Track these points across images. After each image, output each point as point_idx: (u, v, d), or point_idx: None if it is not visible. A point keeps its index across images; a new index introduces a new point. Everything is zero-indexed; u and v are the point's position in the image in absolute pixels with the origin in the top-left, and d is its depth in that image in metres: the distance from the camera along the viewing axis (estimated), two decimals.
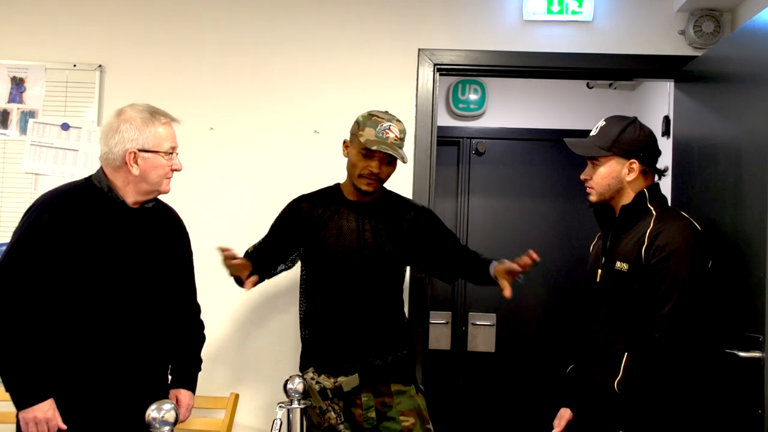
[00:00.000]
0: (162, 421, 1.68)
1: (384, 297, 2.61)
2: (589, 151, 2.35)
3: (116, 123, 2.25)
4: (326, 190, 2.73)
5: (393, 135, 2.55)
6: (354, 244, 2.59)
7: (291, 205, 2.73)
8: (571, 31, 3.27)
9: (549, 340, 4.36)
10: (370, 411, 2.55)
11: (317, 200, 2.69)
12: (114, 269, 2.22)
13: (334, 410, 2.53)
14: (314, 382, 2.55)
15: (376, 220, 2.63)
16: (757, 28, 2.51)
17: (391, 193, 2.75)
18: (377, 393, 2.57)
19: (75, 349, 2.18)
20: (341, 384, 2.54)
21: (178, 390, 2.43)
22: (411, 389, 2.61)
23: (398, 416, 2.55)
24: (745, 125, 2.54)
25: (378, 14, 3.29)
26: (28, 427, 2.11)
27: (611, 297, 2.32)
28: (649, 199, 2.33)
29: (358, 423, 2.56)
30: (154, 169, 2.25)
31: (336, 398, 2.54)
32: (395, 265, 2.65)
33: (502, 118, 4.60)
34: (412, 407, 2.58)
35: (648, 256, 2.21)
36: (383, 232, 2.62)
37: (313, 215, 2.65)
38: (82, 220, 2.20)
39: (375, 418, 2.55)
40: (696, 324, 2.19)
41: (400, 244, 2.64)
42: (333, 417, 2.52)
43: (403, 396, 2.58)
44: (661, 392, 2.16)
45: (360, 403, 2.55)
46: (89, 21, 3.31)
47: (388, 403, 2.56)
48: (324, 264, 2.62)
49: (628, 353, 2.22)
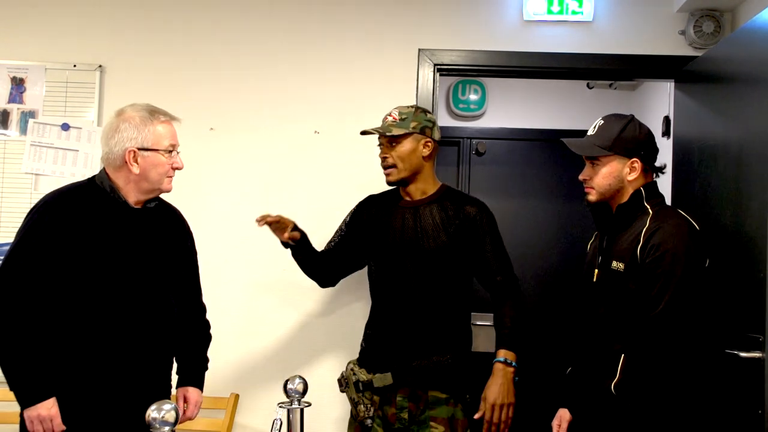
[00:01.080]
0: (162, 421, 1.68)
1: (424, 297, 2.54)
2: (590, 151, 2.33)
3: (116, 123, 2.26)
4: (391, 191, 2.73)
5: (390, 118, 2.59)
6: (398, 243, 2.58)
7: (358, 204, 2.79)
8: (571, 31, 3.27)
9: (549, 341, 4.35)
10: (403, 412, 2.52)
11: (378, 200, 2.74)
12: (116, 269, 2.23)
13: (365, 404, 2.53)
14: (352, 374, 2.58)
15: (422, 216, 2.58)
16: (757, 28, 2.51)
17: (451, 191, 2.66)
18: (413, 395, 2.53)
19: (78, 348, 2.19)
20: (373, 380, 2.54)
21: (185, 388, 2.44)
22: (449, 398, 2.52)
23: (429, 422, 2.51)
24: (745, 125, 2.54)
25: (378, 14, 3.29)
26: (33, 425, 2.12)
27: (608, 297, 2.30)
28: (646, 197, 2.30)
29: (391, 423, 2.54)
30: (154, 168, 2.25)
31: (369, 392, 2.54)
32: (438, 262, 2.54)
33: (502, 118, 4.60)
34: (445, 416, 2.51)
35: (643, 256, 2.19)
36: (427, 229, 2.56)
37: (369, 214, 2.71)
38: (85, 220, 2.21)
39: (407, 419, 2.52)
40: (691, 324, 2.18)
41: (445, 242, 2.54)
42: (362, 410, 2.53)
43: (438, 403, 2.52)
44: (657, 394, 2.15)
45: (394, 402, 2.54)
46: (89, 21, 3.31)
47: (422, 408, 2.52)
48: (371, 262, 2.68)
49: (625, 354, 2.20)
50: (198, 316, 2.52)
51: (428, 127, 2.60)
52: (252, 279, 3.24)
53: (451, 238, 2.54)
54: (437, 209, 2.58)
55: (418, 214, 2.59)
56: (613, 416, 2.22)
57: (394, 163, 2.57)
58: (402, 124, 2.56)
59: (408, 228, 2.58)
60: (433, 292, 2.55)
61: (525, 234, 4.44)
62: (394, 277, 2.59)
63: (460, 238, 2.55)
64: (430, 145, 2.59)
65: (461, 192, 2.76)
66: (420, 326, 2.54)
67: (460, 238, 2.55)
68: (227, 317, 3.19)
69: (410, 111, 2.60)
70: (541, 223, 4.48)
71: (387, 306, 2.60)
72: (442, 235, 2.54)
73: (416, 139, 2.57)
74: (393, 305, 2.58)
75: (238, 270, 3.24)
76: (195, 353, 2.48)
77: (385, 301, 2.61)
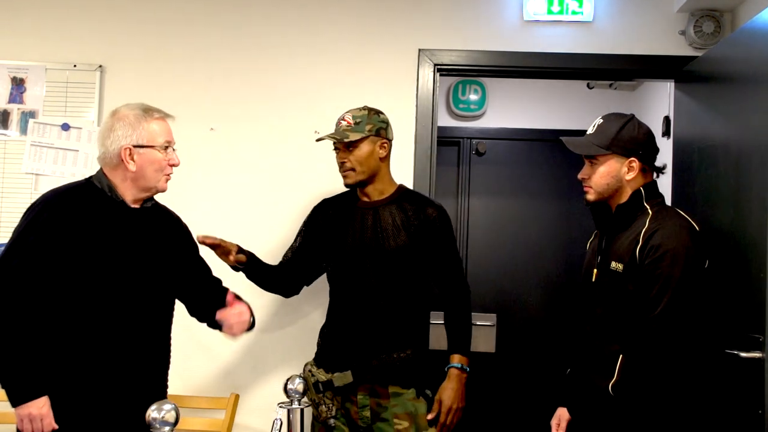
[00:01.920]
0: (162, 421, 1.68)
1: (384, 295, 2.57)
2: (588, 150, 2.33)
3: (111, 122, 2.27)
4: (347, 193, 2.74)
5: (345, 123, 2.60)
6: (354, 242, 2.60)
7: (312, 209, 2.80)
8: (571, 32, 3.27)
9: (549, 341, 4.35)
10: (365, 410, 2.54)
11: (333, 203, 2.75)
12: (113, 268, 2.22)
13: (326, 404, 2.54)
14: (311, 375, 2.59)
15: (381, 217, 2.61)
16: (757, 28, 2.51)
17: (408, 192, 2.71)
18: (374, 392, 2.55)
19: (74, 348, 2.18)
20: (333, 379, 2.55)
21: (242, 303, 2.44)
22: (410, 392, 2.55)
23: (392, 418, 2.53)
24: (745, 125, 2.54)
25: (378, 14, 3.29)
26: (23, 423, 2.12)
27: (607, 297, 2.30)
28: (646, 198, 2.30)
29: (354, 420, 2.56)
30: (150, 164, 2.26)
31: (330, 393, 2.55)
32: (397, 263, 2.58)
33: (502, 118, 4.60)
34: (407, 411, 2.54)
35: (642, 257, 2.18)
36: (387, 229, 2.59)
37: (326, 216, 2.71)
38: (82, 220, 2.21)
39: (369, 418, 2.54)
40: (690, 325, 2.17)
41: (405, 242, 2.58)
42: (324, 410, 2.54)
43: (399, 398, 2.54)
44: (655, 395, 2.15)
45: (356, 400, 2.55)
46: (89, 21, 3.31)
47: (383, 405, 2.54)
48: (329, 262, 2.69)
49: (623, 355, 2.19)
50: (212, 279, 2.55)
51: (383, 128, 2.63)
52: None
53: (411, 238, 2.58)
54: (396, 209, 2.62)
55: (378, 214, 2.61)
56: (610, 417, 2.22)
57: (352, 167, 2.59)
58: (357, 128, 2.58)
59: (367, 228, 2.60)
60: (392, 291, 2.57)
61: (525, 234, 4.44)
62: (353, 277, 2.60)
63: (419, 239, 2.59)
64: (386, 146, 2.63)
65: (419, 193, 2.80)
66: (380, 324, 2.56)
67: (419, 239, 2.59)
68: None
69: (364, 114, 2.61)
70: (541, 223, 4.48)
71: (346, 305, 2.61)
72: (402, 235, 2.58)
73: (372, 142, 2.60)
74: (352, 304, 2.59)
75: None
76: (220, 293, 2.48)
77: (344, 301, 2.62)
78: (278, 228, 3.23)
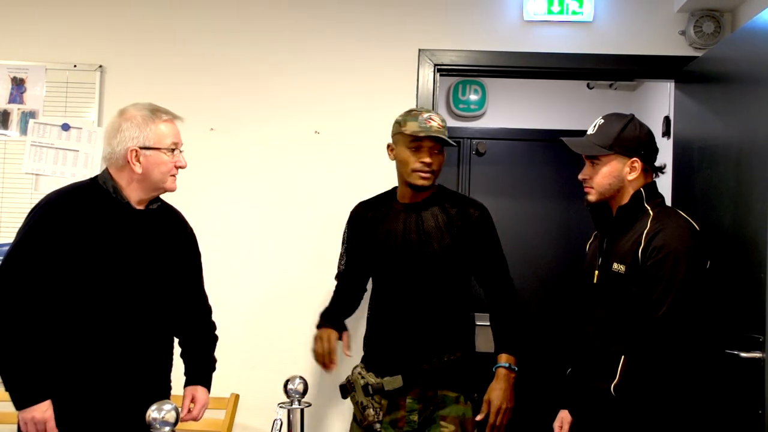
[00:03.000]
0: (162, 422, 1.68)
1: (431, 298, 2.54)
2: (590, 150, 2.32)
3: (118, 122, 2.25)
4: (383, 194, 2.72)
5: (436, 123, 2.52)
6: (399, 246, 2.56)
7: (350, 214, 2.76)
8: (571, 32, 3.27)
9: (548, 341, 4.35)
10: (413, 414, 2.51)
11: (371, 205, 2.72)
12: (117, 270, 2.22)
13: (374, 408, 2.51)
14: (360, 377, 2.57)
15: (424, 219, 2.57)
16: (757, 28, 2.51)
17: (446, 191, 2.67)
18: (423, 397, 2.52)
19: (77, 350, 2.18)
20: (383, 383, 2.52)
21: (195, 387, 2.43)
22: (459, 396, 2.53)
23: (440, 421, 2.50)
24: (745, 125, 2.54)
25: (378, 14, 3.29)
26: (27, 426, 2.11)
27: (608, 299, 2.29)
28: (646, 198, 2.29)
29: (399, 426, 2.52)
30: (156, 167, 2.24)
31: (378, 396, 2.52)
32: (443, 265, 2.53)
33: (502, 118, 4.60)
34: (456, 415, 2.51)
35: (644, 258, 2.18)
36: (431, 231, 2.55)
37: (366, 219, 2.68)
38: (86, 221, 2.19)
39: (417, 422, 2.51)
40: (692, 326, 2.17)
41: (450, 244, 2.54)
42: (371, 414, 2.50)
43: (449, 402, 2.52)
44: (657, 396, 2.15)
45: (404, 405, 2.52)
46: (89, 21, 3.31)
47: (432, 409, 2.52)
48: (373, 267, 2.65)
49: (625, 356, 2.19)
50: (204, 318, 2.52)
51: None
52: (252, 279, 3.24)
53: (454, 239, 2.55)
54: (439, 211, 2.58)
55: (420, 216, 2.58)
56: (612, 418, 2.21)
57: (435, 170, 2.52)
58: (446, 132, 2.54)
59: (410, 231, 2.57)
60: (438, 294, 2.54)
61: (525, 234, 4.44)
62: (398, 281, 2.57)
63: (463, 240, 2.56)
64: None
65: (457, 192, 2.77)
66: (427, 328, 2.53)
67: (463, 240, 2.56)
68: (227, 317, 3.17)
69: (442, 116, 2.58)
70: (541, 224, 4.47)
71: (392, 309, 2.58)
72: (446, 237, 2.54)
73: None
74: (399, 308, 2.57)
75: (238, 270, 3.24)
76: (202, 354, 2.48)
77: (390, 305, 2.59)
78: (278, 228, 3.24)
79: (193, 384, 2.44)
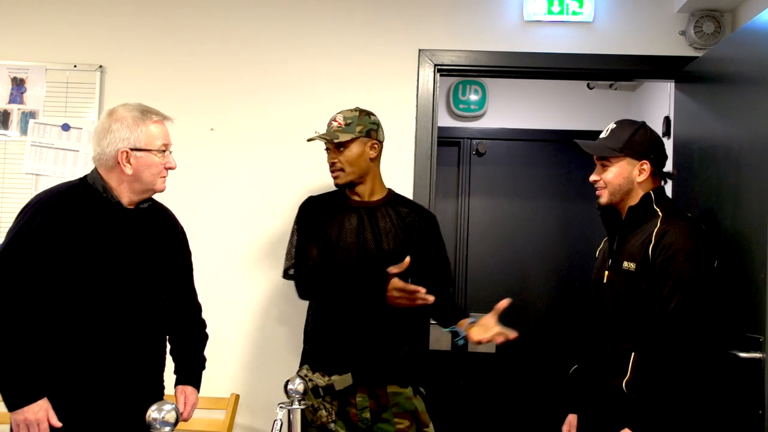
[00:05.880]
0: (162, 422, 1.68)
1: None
2: (601, 152, 2.38)
3: (108, 123, 2.24)
4: (333, 192, 2.74)
5: (336, 123, 2.63)
6: (353, 243, 2.59)
7: (299, 209, 2.76)
8: (571, 32, 3.27)
9: (550, 341, 4.35)
10: (365, 411, 2.54)
11: (322, 200, 2.73)
12: (108, 270, 2.21)
13: (326, 408, 2.52)
14: (307, 380, 2.56)
15: (377, 220, 2.62)
16: (757, 28, 2.51)
17: (399, 196, 2.75)
18: (372, 393, 2.55)
19: (69, 349, 2.17)
20: (333, 383, 2.53)
21: (185, 387, 2.43)
22: (408, 391, 2.57)
23: (392, 418, 2.54)
24: (745, 125, 2.54)
25: (378, 14, 3.29)
26: (19, 428, 2.10)
27: (618, 297, 2.33)
28: (655, 201, 2.35)
29: (354, 423, 2.55)
30: (147, 168, 2.23)
31: (329, 397, 2.53)
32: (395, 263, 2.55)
33: (502, 118, 4.59)
34: (407, 409, 2.56)
35: (655, 255, 2.23)
36: (383, 232, 2.61)
37: (317, 215, 2.68)
38: (77, 221, 2.18)
39: (369, 419, 2.54)
40: (701, 322, 2.20)
41: (401, 245, 2.60)
42: (324, 415, 2.51)
43: (398, 398, 2.56)
44: (669, 391, 2.17)
45: (355, 402, 2.55)
46: (89, 21, 3.31)
47: (383, 405, 2.55)
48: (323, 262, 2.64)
49: (635, 353, 2.23)
50: (194, 316, 2.51)
51: (373, 130, 2.65)
52: (252, 279, 3.24)
53: (408, 240, 2.61)
54: (392, 211, 2.64)
55: (374, 215, 2.62)
56: (623, 414, 2.23)
57: (342, 167, 2.61)
58: (348, 129, 2.60)
59: (364, 229, 2.61)
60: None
61: (526, 234, 4.44)
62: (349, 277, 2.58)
63: (414, 243, 2.63)
64: (376, 147, 2.65)
65: (409, 198, 2.83)
66: (377, 325, 2.56)
67: (415, 243, 2.63)
68: (228, 317, 3.19)
69: (354, 115, 2.63)
70: (541, 224, 4.47)
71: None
72: (400, 236, 2.61)
73: (363, 143, 2.62)
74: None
75: (238, 270, 3.24)
76: (192, 353, 2.48)
77: None
78: (278, 228, 3.24)
79: (182, 384, 2.44)
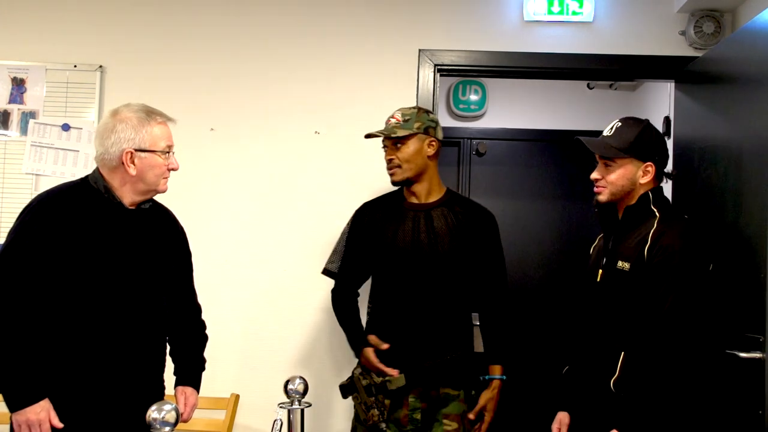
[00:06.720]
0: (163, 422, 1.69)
1: (438, 298, 2.56)
2: (607, 152, 2.35)
3: (112, 123, 2.23)
4: (389, 194, 2.74)
5: (394, 120, 2.61)
6: (409, 245, 2.58)
7: (354, 213, 2.76)
8: (571, 32, 3.27)
9: (547, 341, 4.35)
10: (416, 413, 2.53)
11: (377, 205, 2.73)
12: (109, 270, 2.21)
13: (378, 408, 2.51)
14: (362, 377, 2.57)
15: (434, 220, 2.59)
16: (757, 28, 2.51)
17: (457, 195, 2.72)
18: (425, 395, 2.54)
19: (70, 350, 2.17)
20: (386, 382, 2.52)
21: (185, 387, 2.43)
22: (461, 394, 2.57)
23: (442, 419, 2.53)
24: (745, 126, 2.54)
25: (378, 14, 3.29)
26: (21, 429, 2.09)
27: (611, 296, 2.31)
28: (653, 202, 2.33)
29: (403, 424, 2.53)
30: (151, 169, 2.23)
31: (381, 396, 2.53)
32: (451, 265, 2.57)
33: (502, 118, 4.60)
34: (457, 412, 2.54)
35: (650, 256, 2.21)
36: (439, 233, 2.58)
37: (372, 219, 2.68)
38: (78, 221, 2.18)
39: (420, 420, 2.53)
40: (695, 324, 2.19)
41: (456, 246, 2.57)
42: (376, 414, 2.51)
43: (451, 400, 2.55)
44: (657, 392, 2.16)
45: (407, 403, 2.53)
46: (89, 21, 3.31)
47: (435, 407, 2.54)
48: (380, 265, 2.65)
49: (624, 352, 2.22)
50: (193, 317, 2.51)
51: (431, 127, 2.62)
52: (253, 279, 3.24)
53: (463, 242, 2.58)
54: (449, 212, 2.61)
55: (430, 216, 2.60)
56: (612, 414, 2.22)
57: (399, 164, 2.58)
58: (405, 126, 2.58)
59: (420, 230, 2.59)
60: (443, 294, 2.57)
61: (525, 234, 4.44)
62: (404, 280, 2.58)
63: (470, 244, 2.60)
64: (434, 145, 2.62)
65: (467, 198, 2.79)
66: (431, 327, 2.55)
67: (470, 244, 2.60)
68: (228, 317, 3.19)
69: (413, 112, 2.61)
70: (541, 224, 4.48)
71: (397, 308, 2.59)
72: (456, 238, 2.58)
73: (420, 139, 2.59)
74: (404, 307, 2.57)
75: (238, 270, 3.24)
76: (192, 354, 2.48)
77: (395, 303, 2.59)
78: (278, 227, 3.24)
79: (182, 384, 2.44)
